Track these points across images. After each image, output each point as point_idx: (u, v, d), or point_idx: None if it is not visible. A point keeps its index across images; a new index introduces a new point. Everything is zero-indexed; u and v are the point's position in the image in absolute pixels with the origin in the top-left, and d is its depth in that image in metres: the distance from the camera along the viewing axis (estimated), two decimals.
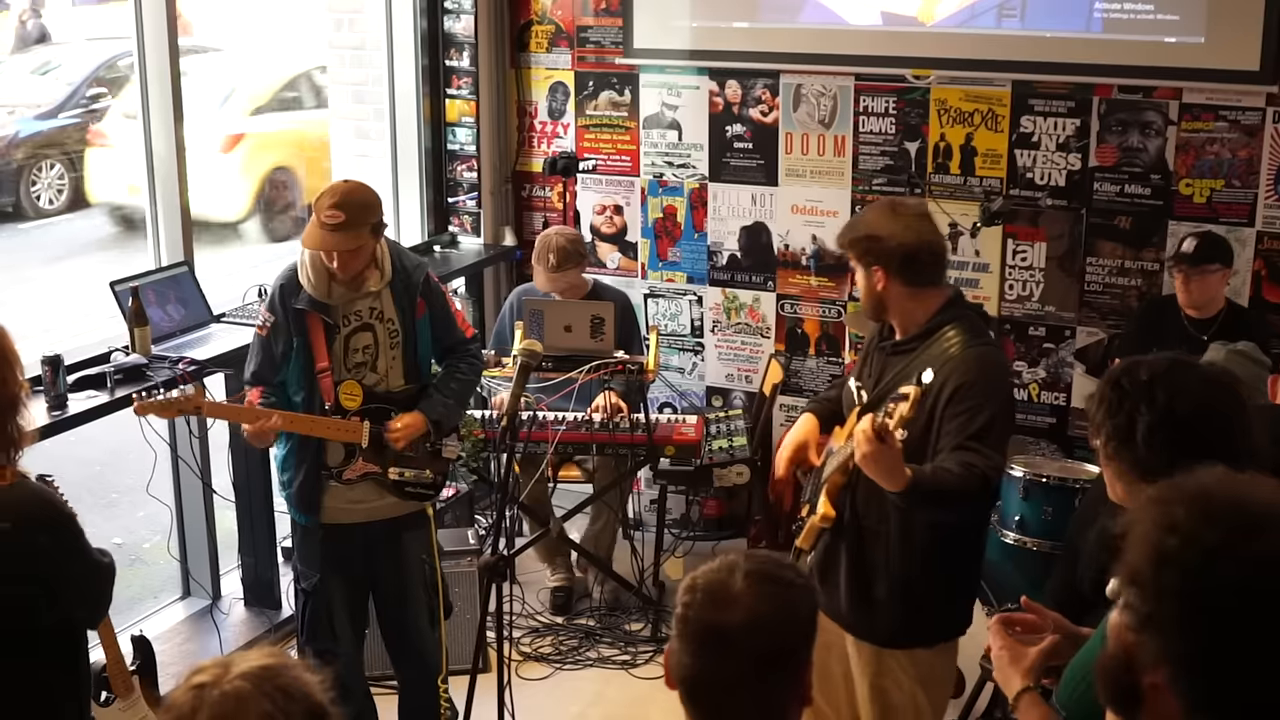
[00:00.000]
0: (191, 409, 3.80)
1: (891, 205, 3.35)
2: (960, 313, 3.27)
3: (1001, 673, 2.32)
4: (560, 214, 5.95)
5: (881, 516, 3.24)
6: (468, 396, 4.21)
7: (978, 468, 3.04)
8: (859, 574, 3.30)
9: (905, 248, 3.19)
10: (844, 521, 3.29)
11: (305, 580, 3.99)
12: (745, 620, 1.80)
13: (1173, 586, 1.47)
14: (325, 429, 3.82)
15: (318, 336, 3.79)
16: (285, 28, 10.62)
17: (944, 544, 3.25)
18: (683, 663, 1.83)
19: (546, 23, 6.01)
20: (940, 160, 5.44)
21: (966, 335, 3.19)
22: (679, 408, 5.97)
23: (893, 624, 3.28)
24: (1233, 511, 1.51)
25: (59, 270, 9.49)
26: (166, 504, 4.86)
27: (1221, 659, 1.46)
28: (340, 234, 3.65)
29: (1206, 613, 1.45)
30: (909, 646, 3.30)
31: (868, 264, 3.24)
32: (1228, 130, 5.02)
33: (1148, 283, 5.20)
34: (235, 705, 1.58)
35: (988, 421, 3.08)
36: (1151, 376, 2.11)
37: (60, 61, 11.28)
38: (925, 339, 3.22)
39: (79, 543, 2.89)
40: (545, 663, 5.02)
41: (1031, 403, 5.46)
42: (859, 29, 5.46)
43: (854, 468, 3.18)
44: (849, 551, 3.31)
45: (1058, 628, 2.35)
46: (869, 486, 3.18)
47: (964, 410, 3.09)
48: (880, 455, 2.92)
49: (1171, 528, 1.50)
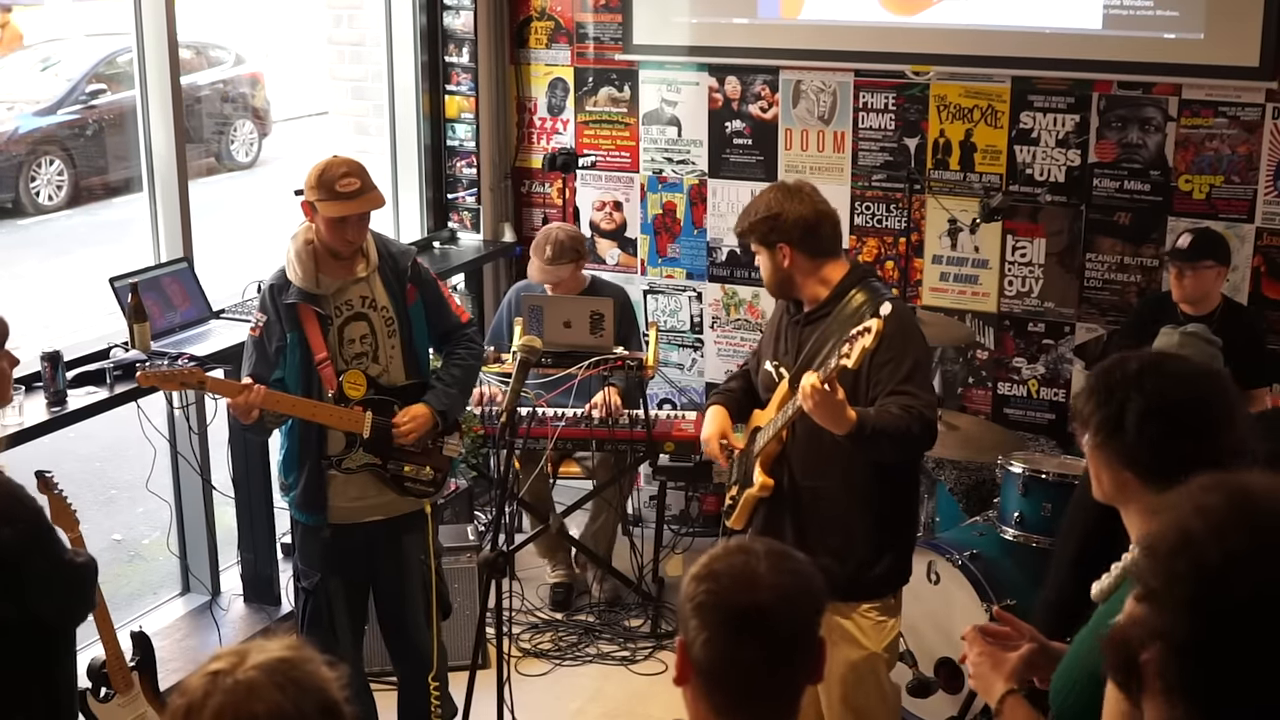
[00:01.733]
0: (195, 382, 3.80)
1: (783, 186, 3.52)
2: (861, 277, 3.46)
3: (982, 679, 2.33)
4: (560, 210, 5.95)
5: (822, 474, 3.40)
6: (470, 382, 4.20)
7: (915, 408, 3.25)
8: (804, 534, 3.41)
9: (805, 221, 3.40)
10: (783, 488, 3.45)
11: (306, 579, 4.00)
12: (776, 600, 1.81)
13: (1185, 573, 1.47)
14: (327, 416, 3.82)
15: (312, 328, 3.80)
16: None
17: (884, 491, 3.42)
18: (714, 649, 1.81)
19: (546, 19, 6.01)
20: (940, 156, 5.44)
21: (872, 294, 3.39)
22: (678, 404, 5.97)
23: (844, 578, 3.38)
24: (1269, 520, 1.50)
25: (58, 266, 9.49)
26: (166, 500, 4.87)
27: (1211, 654, 1.46)
28: (362, 199, 3.74)
29: (1210, 610, 1.45)
30: (859, 600, 3.45)
31: (772, 243, 3.42)
32: (1227, 126, 5.02)
33: (1147, 279, 5.20)
34: (246, 694, 1.58)
35: (913, 365, 3.31)
36: (1142, 367, 2.12)
37: (60, 57, 11.28)
38: (834, 304, 3.40)
39: (44, 537, 2.86)
40: (545, 659, 5.03)
41: (1030, 399, 5.46)
42: (858, 25, 5.45)
43: (788, 434, 3.38)
44: (792, 515, 3.45)
45: (1032, 639, 2.36)
46: (805, 448, 3.39)
47: (889, 359, 3.28)
48: (829, 402, 3.09)
49: (1203, 513, 1.50)
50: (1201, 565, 1.47)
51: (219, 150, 12.26)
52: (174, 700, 1.62)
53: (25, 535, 2.79)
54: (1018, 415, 5.48)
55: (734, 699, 1.83)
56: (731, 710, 1.84)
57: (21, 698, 2.87)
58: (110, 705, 3.70)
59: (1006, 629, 2.40)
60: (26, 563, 2.78)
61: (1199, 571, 1.47)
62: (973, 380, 5.54)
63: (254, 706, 1.57)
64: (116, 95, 10.56)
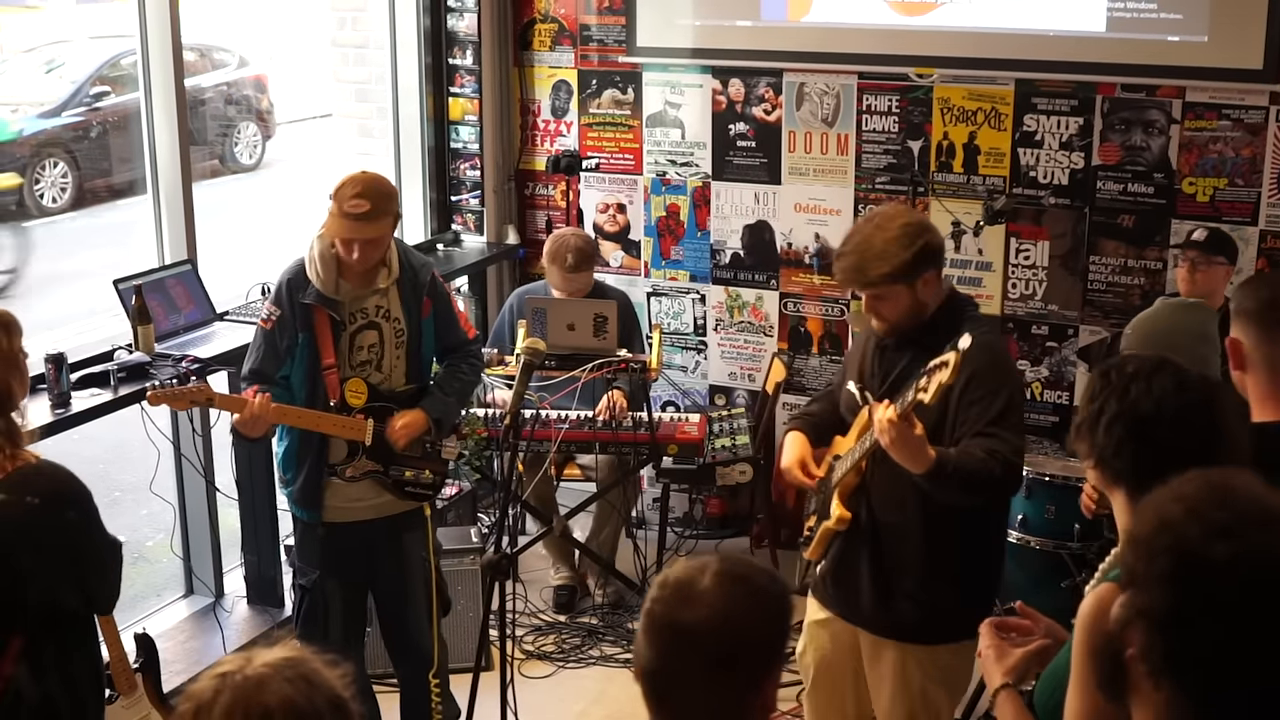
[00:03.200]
0: (204, 400, 3.81)
1: (891, 215, 3.26)
2: (960, 305, 3.30)
3: (986, 670, 2.36)
4: (563, 212, 5.95)
5: (901, 512, 3.22)
6: (468, 397, 4.22)
7: (1000, 452, 3.06)
8: (881, 571, 3.28)
9: (941, 239, 3.26)
10: (860, 522, 3.27)
11: (304, 576, 4.00)
12: (705, 619, 1.78)
13: (1164, 548, 1.54)
14: (330, 425, 3.82)
15: (324, 333, 3.79)
16: None
17: (966, 537, 3.25)
18: (643, 655, 1.83)
19: (550, 21, 6.01)
20: (943, 159, 5.44)
21: (967, 324, 3.16)
22: (682, 406, 5.97)
23: (918, 618, 3.26)
24: (1250, 504, 1.55)
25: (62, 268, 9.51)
26: (169, 502, 4.87)
27: (1192, 627, 1.50)
28: (365, 223, 3.67)
29: (1190, 582, 1.51)
30: (932, 643, 3.28)
31: (916, 273, 3.17)
32: (1231, 129, 5.01)
33: (1151, 281, 5.20)
34: (257, 688, 1.59)
35: (1005, 406, 3.11)
36: (1135, 372, 2.14)
37: (64, 60, 11.30)
38: (927, 329, 3.21)
39: (97, 519, 2.96)
40: (548, 661, 5.02)
41: (1034, 401, 5.45)
42: (862, 27, 5.45)
43: (867, 466, 3.19)
44: (869, 551, 3.29)
45: (1050, 632, 2.37)
46: (884, 484, 3.19)
47: (981, 397, 3.10)
48: (906, 437, 2.93)
49: (1181, 499, 1.57)
50: (1181, 539, 1.53)
51: (223, 152, 12.28)
52: (181, 705, 1.63)
53: (88, 517, 2.90)
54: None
55: (663, 707, 1.83)
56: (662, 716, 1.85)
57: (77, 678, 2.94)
58: (114, 707, 3.69)
59: (1027, 623, 2.41)
60: (90, 543, 2.90)
61: (1178, 545, 1.52)
62: None
63: (265, 700, 1.58)
64: (121, 97, 10.57)
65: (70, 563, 2.87)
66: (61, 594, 2.88)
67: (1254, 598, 1.49)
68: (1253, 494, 1.57)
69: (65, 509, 2.84)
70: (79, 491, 2.89)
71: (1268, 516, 1.54)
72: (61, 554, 2.84)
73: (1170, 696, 1.53)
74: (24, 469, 2.81)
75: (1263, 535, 1.52)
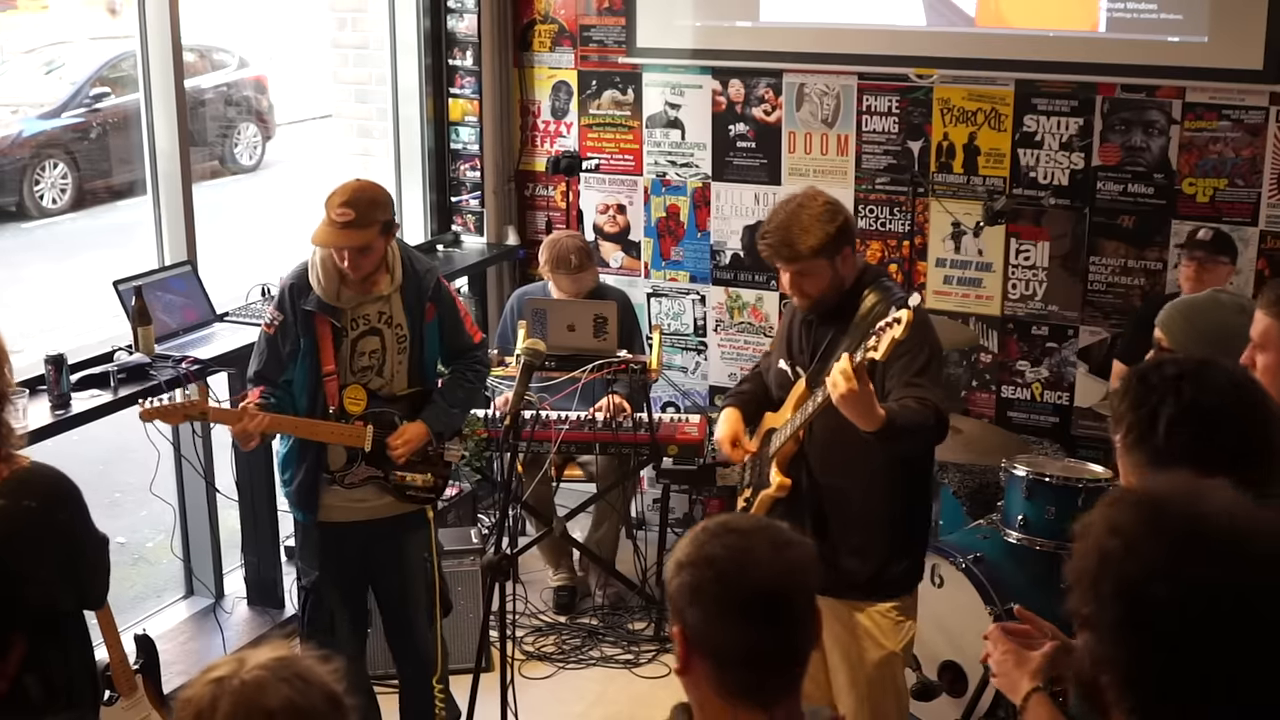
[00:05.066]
0: (197, 414, 3.80)
1: (809, 195, 3.42)
2: (875, 276, 3.49)
3: (1006, 677, 2.31)
4: (563, 213, 5.95)
5: (842, 472, 3.43)
6: (473, 405, 4.21)
7: (930, 400, 3.28)
8: (825, 533, 3.43)
9: (852, 218, 3.47)
10: (801, 488, 3.47)
11: (305, 577, 4.01)
12: (780, 578, 1.81)
13: (1112, 593, 1.52)
14: (328, 433, 3.81)
15: (325, 339, 3.78)
16: None
17: (902, 489, 3.47)
18: (723, 636, 1.81)
19: (550, 22, 6.01)
20: (943, 159, 5.44)
21: (884, 293, 3.41)
22: (682, 407, 5.97)
23: (865, 571, 3.45)
24: (1182, 526, 1.53)
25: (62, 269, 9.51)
26: (170, 503, 4.87)
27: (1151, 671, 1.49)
28: (349, 231, 3.63)
29: (1140, 626, 1.49)
30: (882, 598, 3.48)
31: (836, 250, 3.36)
32: (1231, 129, 5.01)
33: (1151, 282, 5.20)
34: (256, 691, 1.59)
35: (926, 360, 3.34)
36: (1181, 372, 2.12)
37: (64, 61, 11.31)
38: (847, 303, 3.42)
39: (88, 517, 3.00)
40: (548, 662, 5.02)
41: (1034, 402, 5.45)
42: (862, 28, 5.45)
43: (804, 434, 3.41)
44: (811, 514, 3.46)
45: (1053, 637, 2.35)
46: (823, 449, 3.42)
47: (905, 354, 3.27)
48: (859, 395, 3.07)
49: (1117, 531, 1.54)
50: (1125, 581, 1.51)
51: (223, 153, 12.29)
52: (179, 712, 1.62)
53: (80, 516, 2.94)
54: (1021, 418, 5.48)
55: (750, 679, 1.83)
56: (749, 690, 1.83)
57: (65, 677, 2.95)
58: (114, 708, 3.69)
59: (1027, 627, 2.40)
60: (83, 541, 2.93)
61: (1123, 588, 1.51)
62: (976, 383, 5.53)
63: (267, 703, 1.58)
64: (120, 98, 10.58)
65: (66, 562, 2.90)
66: (59, 594, 2.90)
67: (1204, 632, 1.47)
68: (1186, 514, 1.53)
69: (60, 510, 2.88)
70: (70, 491, 2.93)
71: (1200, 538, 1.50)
72: (58, 554, 2.87)
73: None
74: (19, 473, 2.83)
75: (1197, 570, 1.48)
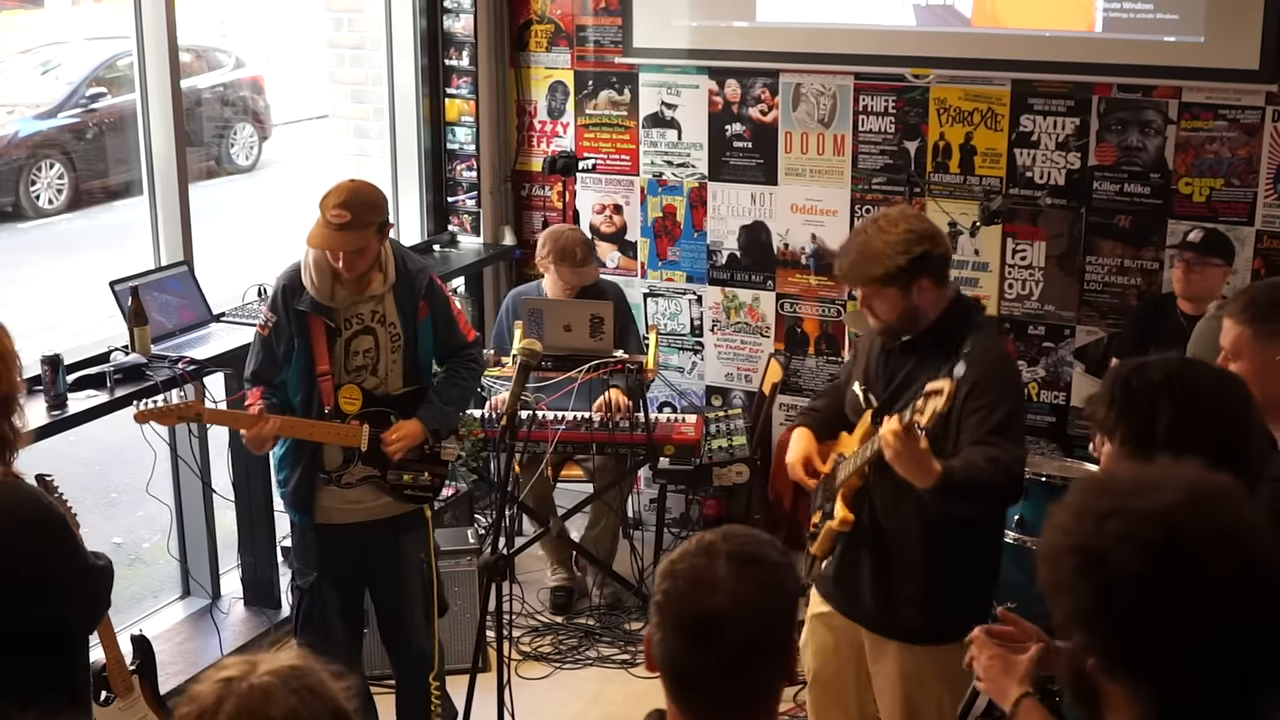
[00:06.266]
0: (192, 415, 3.80)
1: (894, 219, 3.22)
2: (965, 310, 3.29)
3: (994, 682, 2.31)
4: (560, 213, 5.95)
5: (902, 517, 3.23)
6: (468, 402, 4.21)
7: (1002, 461, 3.05)
8: (883, 575, 3.30)
9: (946, 250, 3.21)
10: (863, 525, 3.28)
11: (301, 578, 4.00)
12: (730, 607, 1.74)
13: (1069, 551, 1.59)
14: (324, 433, 3.82)
15: (319, 339, 3.78)
16: None
17: (966, 541, 3.26)
18: (669, 652, 1.78)
19: (546, 22, 6.01)
20: (940, 159, 5.44)
21: (972, 331, 3.19)
22: (679, 407, 5.97)
23: (920, 621, 3.27)
24: (1128, 482, 1.62)
25: (58, 270, 9.50)
26: (166, 503, 4.87)
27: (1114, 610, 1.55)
28: (345, 233, 3.63)
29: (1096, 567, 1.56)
30: (935, 643, 3.27)
31: (911, 279, 3.14)
32: (1227, 129, 5.02)
33: (1147, 282, 5.20)
34: (262, 698, 1.57)
35: (1006, 415, 3.10)
36: (1166, 376, 2.11)
37: (60, 61, 11.29)
38: (932, 335, 3.21)
39: (69, 544, 2.85)
40: (545, 662, 5.02)
41: (1031, 402, 5.45)
42: (859, 28, 5.45)
43: (870, 471, 3.19)
44: (871, 554, 3.31)
45: (1037, 639, 2.35)
46: (887, 488, 3.19)
47: (982, 405, 3.09)
48: (911, 452, 2.92)
49: (1069, 505, 1.64)
50: (1078, 536, 1.59)
51: (219, 153, 12.27)
52: (183, 707, 1.60)
53: (51, 542, 2.78)
54: None
55: (694, 701, 1.79)
56: (694, 710, 1.80)
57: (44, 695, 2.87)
58: (110, 709, 3.70)
59: (1011, 629, 2.39)
60: (53, 570, 2.77)
61: (1078, 543, 1.59)
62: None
63: (269, 710, 1.56)
64: (117, 99, 10.57)
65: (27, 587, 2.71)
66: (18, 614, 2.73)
67: (1157, 560, 1.52)
68: (1131, 473, 1.65)
69: (22, 534, 2.70)
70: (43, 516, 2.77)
71: (1145, 486, 1.59)
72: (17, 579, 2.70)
73: (1130, 691, 1.56)
74: None
75: (1142, 502, 1.56)
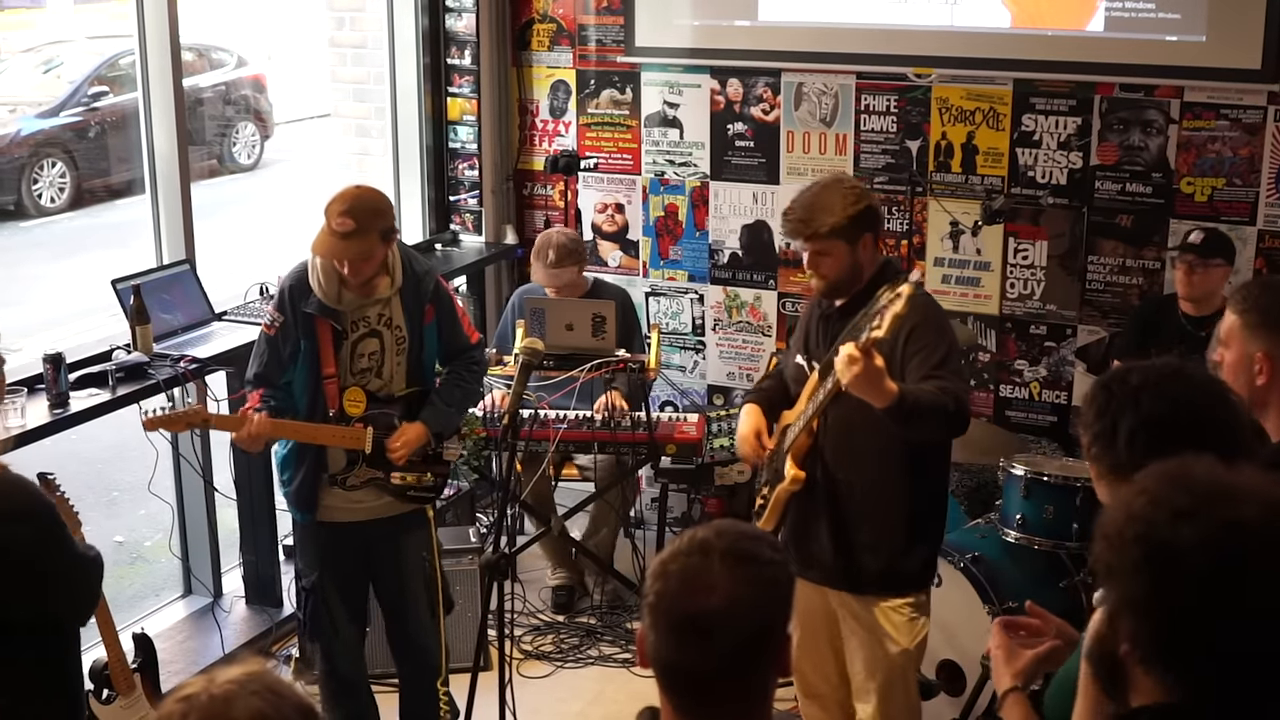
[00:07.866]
0: (199, 421, 3.81)
1: (837, 178, 3.48)
2: (895, 272, 3.46)
3: (995, 671, 2.34)
4: (561, 212, 5.95)
5: (855, 466, 3.42)
6: (469, 405, 4.21)
7: (950, 389, 3.27)
8: (841, 526, 3.44)
9: (882, 211, 3.45)
10: (815, 481, 3.44)
11: (305, 578, 4.00)
12: (724, 607, 1.71)
13: (1134, 537, 1.60)
14: (328, 437, 3.81)
15: (326, 342, 3.77)
16: None
17: (917, 483, 3.46)
18: (661, 652, 1.76)
19: (548, 21, 6.01)
20: (942, 159, 5.44)
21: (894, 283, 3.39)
22: (680, 406, 5.97)
23: (880, 570, 3.45)
24: (1208, 484, 1.62)
25: (60, 268, 9.50)
26: (168, 502, 4.87)
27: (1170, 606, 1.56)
28: (350, 241, 3.62)
29: (1163, 563, 1.56)
30: (894, 594, 3.47)
31: (858, 233, 3.36)
32: (1229, 129, 5.02)
33: (1149, 281, 5.20)
34: (224, 704, 1.57)
35: (945, 353, 3.34)
36: (1142, 382, 2.12)
37: (62, 60, 11.30)
38: (867, 297, 3.36)
39: (58, 534, 2.86)
40: (546, 661, 5.02)
41: (1033, 401, 5.46)
42: (860, 27, 5.45)
43: (818, 426, 3.38)
44: (826, 508, 3.46)
45: (1060, 633, 2.35)
46: (836, 441, 3.40)
47: (922, 347, 3.32)
48: (869, 370, 3.04)
49: (1143, 491, 1.64)
50: (1148, 527, 1.59)
51: (221, 152, 12.28)
52: None
53: (42, 532, 2.79)
54: (1019, 417, 5.49)
55: (687, 701, 1.77)
56: (686, 711, 1.78)
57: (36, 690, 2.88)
58: (112, 707, 3.70)
59: (1036, 622, 2.39)
60: (43, 560, 2.79)
61: (1147, 533, 1.59)
62: (975, 383, 5.53)
63: (234, 715, 1.56)
64: (119, 97, 10.57)
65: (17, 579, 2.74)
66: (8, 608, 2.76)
67: (1224, 572, 1.54)
68: (1211, 475, 1.63)
69: (13, 524, 2.72)
70: (32, 506, 2.79)
71: (1226, 493, 1.59)
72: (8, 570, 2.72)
73: (1165, 682, 1.56)
74: None
75: (1224, 511, 1.57)
